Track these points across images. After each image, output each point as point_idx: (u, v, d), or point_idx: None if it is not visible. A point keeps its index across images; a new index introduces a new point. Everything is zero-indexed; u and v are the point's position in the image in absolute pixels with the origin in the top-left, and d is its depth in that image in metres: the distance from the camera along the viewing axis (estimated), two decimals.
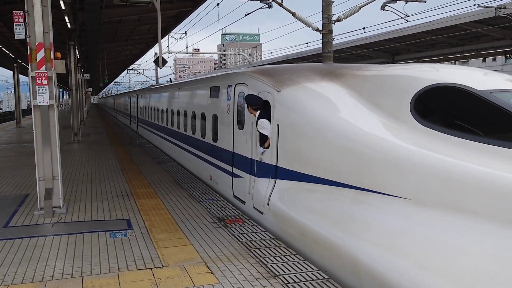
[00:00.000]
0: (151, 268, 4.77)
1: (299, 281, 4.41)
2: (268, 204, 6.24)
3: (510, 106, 4.32)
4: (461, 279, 3.50)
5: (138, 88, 33.23)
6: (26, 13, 6.64)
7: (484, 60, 63.49)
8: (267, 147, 6.51)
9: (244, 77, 7.61)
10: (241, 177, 7.38)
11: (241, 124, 7.59)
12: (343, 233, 4.68)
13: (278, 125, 6.26)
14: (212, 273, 4.63)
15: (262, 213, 6.45)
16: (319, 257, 5.05)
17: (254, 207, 6.74)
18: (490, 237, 3.53)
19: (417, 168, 4.21)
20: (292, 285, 4.32)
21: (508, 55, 28.39)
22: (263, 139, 6.62)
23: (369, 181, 4.66)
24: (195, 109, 10.89)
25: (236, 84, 7.89)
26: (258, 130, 6.66)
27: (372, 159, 4.67)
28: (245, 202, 7.16)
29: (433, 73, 5.25)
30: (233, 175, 7.78)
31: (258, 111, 6.68)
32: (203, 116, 10.06)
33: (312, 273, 4.58)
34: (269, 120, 6.47)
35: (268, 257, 5.03)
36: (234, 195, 7.72)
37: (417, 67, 6.05)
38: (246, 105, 6.99)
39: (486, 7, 19.19)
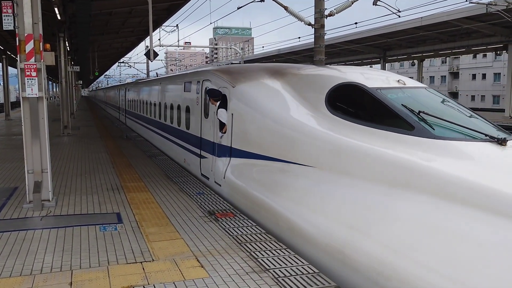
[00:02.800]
0: (141, 262, 4.75)
1: (289, 275, 4.42)
2: (224, 178, 7.68)
3: (386, 100, 5.67)
4: (346, 220, 4.84)
5: (127, 82, 33.34)
6: (15, 4, 6.55)
7: (474, 57, 63.38)
8: (225, 132, 7.88)
9: (209, 74, 9.11)
10: (207, 158, 8.84)
11: (207, 114, 9.03)
12: (271, 194, 6.14)
13: (232, 114, 7.63)
14: (202, 267, 4.63)
15: (220, 185, 7.87)
16: (256, 214, 6.42)
17: (215, 181, 8.17)
18: (367, 192, 4.88)
19: (321, 144, 5.75)
20: (282, 279, 4.33)
21: (498, 52, 28.60)
22: (222, 126, 8.00)
23: (292, 155, 6.15)
24: (173, 101, 12.40)
25: (203, 80, 9.40)
26: (218, 118, 8.06)
27: (294, 139, 6.16)
28: (209, 178, 8.60)
29: (344, 73, 6.61)
30: (201, 156, 9.23)
31: (218, 102, 8.11)
32: (178, 107, 11.56)
33: (302, 267, 4.59)
34: (226, 110, 7.77)
35: (259, 251, 5.04)
36: (201, 173, 9.13)
37: (336, 68, 7.35)
38: (208, 97, 8.42)
39: (478, 3, 19.30)
